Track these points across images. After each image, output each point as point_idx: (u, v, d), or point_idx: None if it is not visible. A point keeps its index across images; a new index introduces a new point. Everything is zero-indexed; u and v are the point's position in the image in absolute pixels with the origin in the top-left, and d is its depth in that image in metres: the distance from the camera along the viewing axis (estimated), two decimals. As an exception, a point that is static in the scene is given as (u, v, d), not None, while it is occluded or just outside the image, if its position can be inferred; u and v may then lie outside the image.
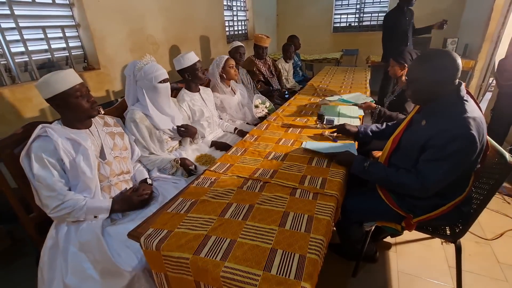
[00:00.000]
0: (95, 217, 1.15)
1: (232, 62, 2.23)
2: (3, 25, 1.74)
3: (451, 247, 1.41)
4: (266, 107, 2.43)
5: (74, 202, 1.10)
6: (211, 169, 1.34)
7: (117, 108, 1.61)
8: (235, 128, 2.13)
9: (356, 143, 1.58)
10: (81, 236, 1.09)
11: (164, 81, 1.54)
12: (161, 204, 1.18)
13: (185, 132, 1.69)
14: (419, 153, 1.13)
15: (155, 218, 1.02)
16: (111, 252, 1.04)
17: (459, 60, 1.05)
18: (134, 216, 1.22)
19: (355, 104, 2.06)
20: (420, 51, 1.94)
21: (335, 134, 1.66)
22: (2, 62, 1.76)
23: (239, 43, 2.77)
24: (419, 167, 1.11)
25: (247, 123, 2.34)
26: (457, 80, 1.09)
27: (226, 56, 2.24)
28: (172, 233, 0.93)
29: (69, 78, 1.13)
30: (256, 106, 2.37)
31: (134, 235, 0.95)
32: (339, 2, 5.58)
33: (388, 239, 1.75)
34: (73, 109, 1.15)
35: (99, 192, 1.20)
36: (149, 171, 1.52)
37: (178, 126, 1.67)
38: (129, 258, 1.04)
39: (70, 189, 1.15)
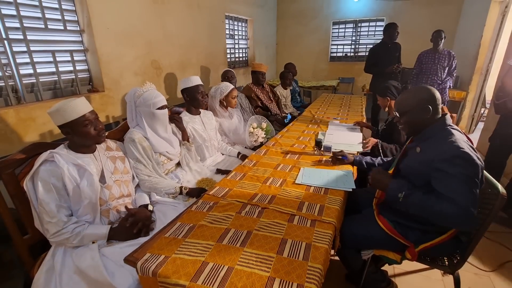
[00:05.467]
0: (93, 242, 1.14)
1: (236, 93, 2.30)
2: (15, 49, 1.82)
3: (450, 279, 1.39)
4: (262, 129, 2.36)
5: (72, 229, 1.11)
6: (210, 193, 1.35)
7: (120, 131, 1.64)
8: (239, 153, 2.16)
9: (355, 170, 1.60)
10: (78, 258, 1.08)
11: (162, 107, 1.58)
12: (159, 228, 1.18)
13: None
14: (423, 181, 1.15)
15: (152, 242, 1.01)
16: (107, 273, 1.03)
17: (438, 93, 1.19)
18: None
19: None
20: (399, 83, 2.10)
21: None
22: (10, 83, 1.82)
23: (227, 69, 3.14)
24: (446, 196, 1.05)
25: (245, 147, 2.37)
26: (441, 112, 1.20)
27: (232, 86, 2.29)
28: (169, 258, 0.92)
29: (79, 107, 1.16)
30: (251, 133, 2.29)
31: (130, 260, 0.94)
32: (336, 34, 5.88)
33: (387, 267, 1.71)
34: (81, 136, 1.18)
35: (99, 216, 1.20)
36: (149, 195, 1.52)
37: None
38: (124, 278, 1.02)
39: (72, 214, 1.16)
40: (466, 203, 1.01)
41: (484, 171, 1.26)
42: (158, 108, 1.56)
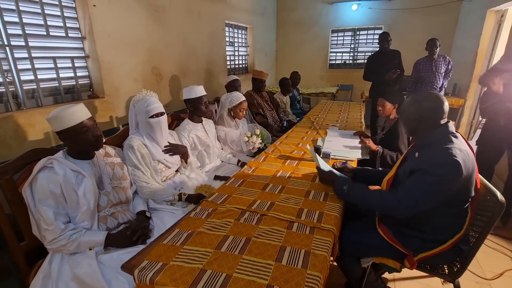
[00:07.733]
0: (90, 249, 1.13)
1: (245, 105, 2.28)
2: (17, 55, 1.83)
3: (450, 287, 1.37)
4: (257, 135, 2.36)
5: (69, 235, 1.10)
6: (209, 199, 1.34)
7: (119, 137, 1.64)
8: (239, 160, 2.15)
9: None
10: (75, 265, 1.07)
11: (156, 115, 1.54)
12: (157, 234, 1.17)
13: (174, 150, 1.68)
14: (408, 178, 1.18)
15: (150, 249, 1.00)
16: (104, 280, 1.02)
17: (447, 103, 1.16)
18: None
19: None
20: (401, 92, 2.09)
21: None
22: (10, 89, 1.82)
23: (235, 77, 2.99)
24: (402, 187, 1.15)
25: (246, 155, 2.37)
26: (446, 119, 1.18)
27: (243, 99, 2.26)
28: (167, 266, 0.91)
29: (77, 114, 1.15)
30: (246, 142, 2.31)
31: (127, 267, 0.93)
32: (335, 42, 5.95)
33: (387, 275, 1.70)
34: (78, 143, 1.18)
35: (97, 222, 1.19)
36: (147, 202, 1.51)
37: (165, 146, 1.66)
38: (121, 286, 1.01)
39: (69, 220, 1.15)
40: (408, 202, 1.10)
41: (484, 179, 1.26)
42: (151, 117, 1.53)
